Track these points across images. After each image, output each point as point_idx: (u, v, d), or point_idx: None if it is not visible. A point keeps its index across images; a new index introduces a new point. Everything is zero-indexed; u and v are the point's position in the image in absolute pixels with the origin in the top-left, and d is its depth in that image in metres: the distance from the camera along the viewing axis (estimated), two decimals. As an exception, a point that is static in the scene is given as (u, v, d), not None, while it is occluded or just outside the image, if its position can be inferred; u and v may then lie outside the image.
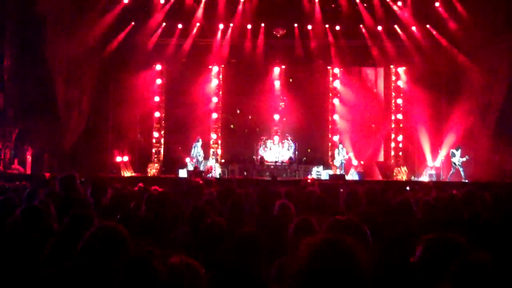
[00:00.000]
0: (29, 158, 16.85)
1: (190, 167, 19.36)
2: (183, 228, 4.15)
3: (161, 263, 2.17)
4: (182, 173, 18.87)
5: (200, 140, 20.24)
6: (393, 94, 22.27)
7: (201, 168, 19.33)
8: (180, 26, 21.08)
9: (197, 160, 19.86)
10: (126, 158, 20.00)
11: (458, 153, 18.29)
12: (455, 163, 18.34)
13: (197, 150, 20.03)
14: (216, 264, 3.08)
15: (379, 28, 20.82)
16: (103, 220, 4.38)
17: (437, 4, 19.82)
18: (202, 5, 20.65)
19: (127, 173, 19.45)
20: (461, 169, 18.13)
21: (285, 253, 3.40)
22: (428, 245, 2.65)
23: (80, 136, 19.53)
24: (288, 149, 21.61)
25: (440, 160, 19.61)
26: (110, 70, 20.89)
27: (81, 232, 2.93)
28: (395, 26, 20.72)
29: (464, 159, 18.09)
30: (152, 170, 21.06)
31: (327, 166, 21.24)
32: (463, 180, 17.64)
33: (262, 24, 21.10)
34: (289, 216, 4.70)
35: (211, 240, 3.64)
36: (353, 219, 3.11)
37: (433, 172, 19.52)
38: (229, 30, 21.17)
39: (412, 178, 20.16)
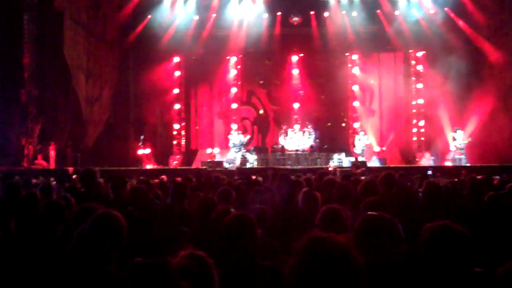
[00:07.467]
0: (52, 153, 17.07)
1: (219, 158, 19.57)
2: (194, 220, 4.15)
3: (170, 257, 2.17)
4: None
5: (234, 132, 20.22)
6: (413, 78, 22.00)
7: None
8: (196, 17, 21.06)
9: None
10: (148, 151, 20.15)
11: (459, 135, 18.43)
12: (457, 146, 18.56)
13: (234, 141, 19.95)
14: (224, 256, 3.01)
15: (397, 13, 20.53)
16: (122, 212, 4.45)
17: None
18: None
19: (149, 166, 19.60)
20: (463, 152, 18.26)
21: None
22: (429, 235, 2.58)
23: (102, 130, 19.75)
24: (309, 137, 21.50)
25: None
26: (129, 64, 21.05)
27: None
28: (413, 10, 20.41)
29: (466, 141, 18.25)
30: (174, 162, 21.17)
31: (348, 153, 21.08)
32: (463, 165, 17.71)
33: (279, 13, 21.01)
34: (316, 208, 4.43)
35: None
36: (385, 215, 2.86)
37: (457, 156, 19.25)
38: (245, 20, 21.11)
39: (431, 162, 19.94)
